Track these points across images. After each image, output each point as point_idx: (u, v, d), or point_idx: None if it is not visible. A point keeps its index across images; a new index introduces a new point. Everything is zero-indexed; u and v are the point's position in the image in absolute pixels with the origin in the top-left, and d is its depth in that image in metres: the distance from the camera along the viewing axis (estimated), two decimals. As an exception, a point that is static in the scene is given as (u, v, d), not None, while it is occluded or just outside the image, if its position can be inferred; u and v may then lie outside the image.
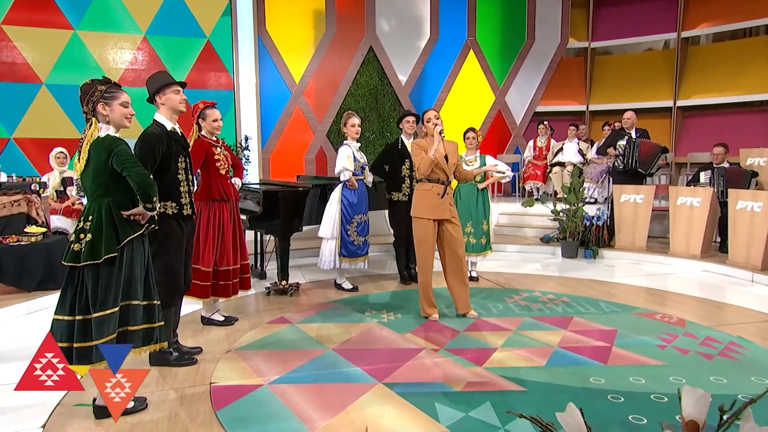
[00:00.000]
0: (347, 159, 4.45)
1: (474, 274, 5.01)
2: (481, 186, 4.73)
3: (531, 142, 8.22)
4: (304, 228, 4.67)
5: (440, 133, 3.60)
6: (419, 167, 3.67)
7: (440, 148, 3.69)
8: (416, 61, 8.66)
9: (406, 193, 4.77)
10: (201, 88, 7.08)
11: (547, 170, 7.85)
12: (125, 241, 2.38)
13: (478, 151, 4.78)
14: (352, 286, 4.71)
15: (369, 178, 4.80)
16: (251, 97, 7.53)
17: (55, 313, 2.37)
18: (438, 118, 3.74)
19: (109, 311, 2.34)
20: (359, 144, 4.70)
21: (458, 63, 8.87)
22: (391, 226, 4.99)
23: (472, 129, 4.75)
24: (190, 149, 3.04)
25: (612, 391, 2.70)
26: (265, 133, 7.82)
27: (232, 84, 7.29)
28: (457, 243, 3.74)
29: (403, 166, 4.77)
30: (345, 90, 8.24)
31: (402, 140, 4.85)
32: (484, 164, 4.70)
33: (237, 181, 3.87)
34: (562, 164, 7.60)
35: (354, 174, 4.53)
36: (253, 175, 7.23)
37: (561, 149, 7.73)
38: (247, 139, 7.15)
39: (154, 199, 2.40)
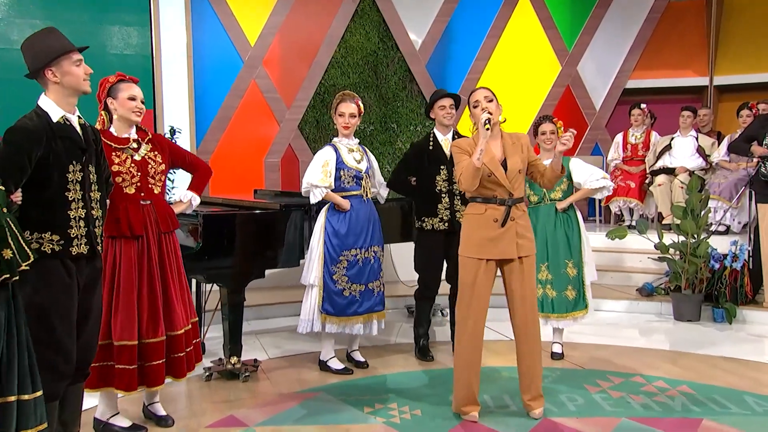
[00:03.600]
0: (321, 169, 4.49)
1: (558, 348, 4.98)
2: (561, 206, 4.74)
3: (619, 137, 8.27)
4: (270, 272, 4.66)
5: (488, 123, 3.56)
6: (459, 179, 3.68)
7: (492, 149, 3.69)
8: (437, 12, 8.79)
9: (445, 218, 4.81)
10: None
11: (646, 181, 7.88)
12: None
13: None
14: (342, 367, 4.70)
15: (383, 191, 4.88)
16: (180, 68, 7.59)
17: None
18: (491, 101, 3.72)
19: None
20: (356, 141, 4.74)
21: (503, 15, 9.02)
22: (416, 269, 5.03)
23: (547, 118, 4.75)
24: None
25: None
26: (203, 124, 7.86)
27: (150, 46, 7.37)
28: (521, 296, 3.73)
29: (438, 177, 4.81)
30: (327, 57, 8.34)
31: (435, 136, 4.89)
32: (569, 173, 4.72)
33: (189, 197, 3.87)
34: (671, 171, 7.63)
35: (343, 189, 4.58)
36: (183, 189, 7.21)
37: (669, 147, 7.77)
38: (173, 132, 7.18)
39: None
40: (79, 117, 3.00)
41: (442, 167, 4.80)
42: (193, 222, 4.36)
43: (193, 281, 5.23)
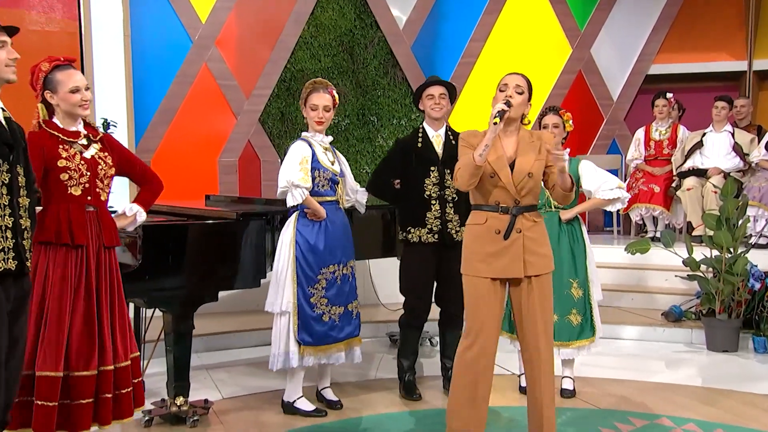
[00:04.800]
0: (298, 166, 4.49)
1: (568, 384, 4.99)
2: (566, 216, 4.76)
3: (641, 133, 8.33)
4: (224, 295, 4.66)
5: (498, 116, 3.54)
6: (455, 175, 3.70)
7: (503, 147, 3.68)
8: (426, -17, 8.84)
9: (435, 229, 4.81)
10: None
11: (673, 184, 7.94)
12: None
13: (566, 151, 4.78)
14: (313, 408, 4.68)
15: (360, 198, 4.89)
16: (115, 49, 7.54)
17: None
18: (521, 93, 3.68)
19: None
20: (329, 139, 4.75)
21: (504, -13, 9.08)
22: (401, 290, 5.04)
23: (552, 110, 4.79)
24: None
25: None
26: (143, 117, 7.82)
27: (78, 21, 7.30)
28: (530, 324, 3.72)
29: (428, 180, 4.83)
30: (294, 37, 8.33)
31: (425, 131, 4.92)
32: (577, 177, 4.74)
33: (134, 211, 3.86)
34: (702, 173, 7.68)
35: (317, 193, 4.57)
36: (119, 195, 7.15)
37: (699, 144, 7.82)
38: (107, 126, 7.11)
39: None
40: (3, 109, 3.00)
41: (432, 168, 4.80)
42: (131, 234, 4.32)
43: (131, 306, 5.18)
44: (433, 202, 4.80)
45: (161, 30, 7.85)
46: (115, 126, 7.14)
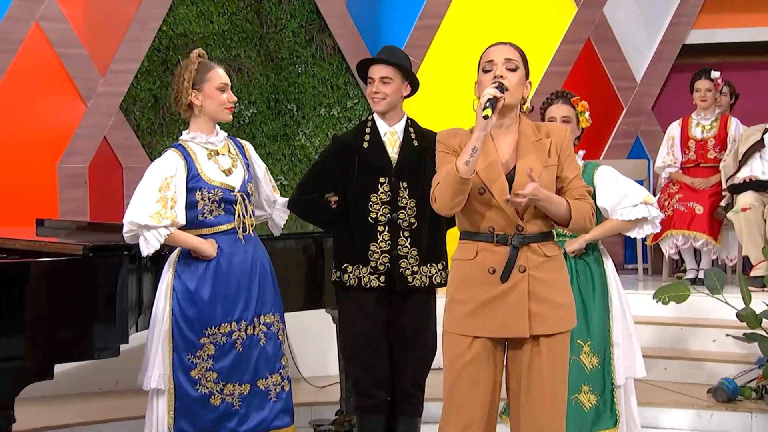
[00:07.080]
0: (157, 195, 4.41)
1: None
2: (572, 247, 4.82)
3: (676, 128, 8.45)
4: (69, 369, 4.54)
5: (489, 106, 3.53)
6: (433, 193, 3.68)
7: (498, 149, 3.71)
8: None
9: (381, 267, 4.85)
10: None
11: (722, 203, 8.03)
12: None
13: (581, 153, 4.91)
14: None
15: (278, 216, 4.93)
16: None
17: None
18: (514, 69, 3.75)
19: None
20: (223, 135, 4.70)
21: None
22: (343, 354, 5.20)
23: (561, 97, 4.86)
24: None
25: None
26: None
27: None
28: (538, 405, 3.70)
29: (375, 197, 4.87)
30: (173, -15, 8.34)
31: (375, 126, 4.99)
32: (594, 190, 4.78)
33: None
34: (763, 187, 7.76)
35: (202, 224, 4.55)
36: None
37: (760, 145, 7.91)
38: None
39: None
40: None
41: (381, 180, 4.84)
42: None
43: None
44: (380, 228, 4.84)
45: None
46: None
